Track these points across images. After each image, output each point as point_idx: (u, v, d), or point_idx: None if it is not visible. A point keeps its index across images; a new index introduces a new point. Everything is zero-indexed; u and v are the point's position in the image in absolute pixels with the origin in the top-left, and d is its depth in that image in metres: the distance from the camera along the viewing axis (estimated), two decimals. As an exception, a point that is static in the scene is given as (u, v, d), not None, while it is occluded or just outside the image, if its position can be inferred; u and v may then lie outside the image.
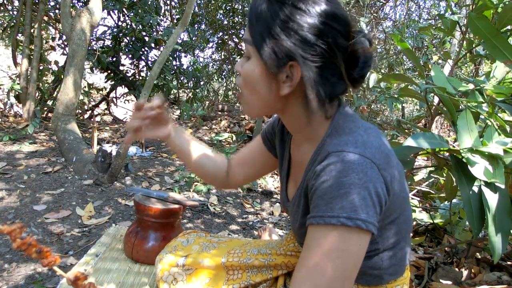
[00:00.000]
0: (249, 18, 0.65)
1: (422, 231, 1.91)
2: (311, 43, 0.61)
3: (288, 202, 0.82)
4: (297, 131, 0.74)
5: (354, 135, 0.63)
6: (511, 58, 1.12)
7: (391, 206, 0.64)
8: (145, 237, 1.48)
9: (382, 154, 0.61)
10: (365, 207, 0.56)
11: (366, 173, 0.57)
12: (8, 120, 4.21)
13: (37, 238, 1.72)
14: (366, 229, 0.57)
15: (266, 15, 0.62)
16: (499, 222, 1.02)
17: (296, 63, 0.62)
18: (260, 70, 0.65)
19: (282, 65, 0.62)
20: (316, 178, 0.61)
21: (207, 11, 6.64)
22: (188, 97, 6.61)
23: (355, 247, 0.58)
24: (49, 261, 0.63)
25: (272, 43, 0.62)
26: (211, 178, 0.97)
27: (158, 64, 2.49)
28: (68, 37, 3.13)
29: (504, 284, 1.31)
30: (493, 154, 1.00)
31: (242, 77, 0.68)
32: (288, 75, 0.63)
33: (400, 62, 5.95)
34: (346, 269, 0.58)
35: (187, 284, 0.87)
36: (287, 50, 0.61)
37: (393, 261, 0.72)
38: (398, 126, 1.67)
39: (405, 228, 0.71)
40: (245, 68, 0.67)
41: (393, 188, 0.62)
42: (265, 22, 0.62)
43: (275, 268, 0.90)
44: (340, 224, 0.56)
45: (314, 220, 0.59)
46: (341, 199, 0.56)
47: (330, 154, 0.60)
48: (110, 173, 2.49)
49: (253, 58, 0.66)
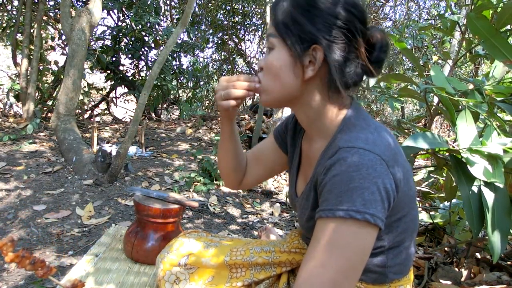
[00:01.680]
0: (273, 12, 0.70)
1: (422, 231, 1.91)
2: (333, 26, 0.65)
3: (297, 197, 0.83)
4: (310, 124, 0.75)
5: (364, 132, 0.65)
6: (510, 58, 1.12)
7: (398, 204, 0.65)
8: (145, 237, 1.48)
9: (391, 152, 0.63)
10: (374, 202, 0.58)
11: (376, 169, 0.59)
12: (8, 120, 4.21)
13: (36, 238, 1.72)
14: (374, 223, 0.58)
15: (288, 5, 0.68)
16: (499, 222, 1.02)
17: (319, 46, 0.65)
18: (285, 57, 0.68)
19: (306, 49, 0.66)
20: (326, 173, 0.62)
21: (207, 11, 6.64)
22: (188, 97, 6.61)
23: (362, 241, 0.59)
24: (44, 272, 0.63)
25: (297, 29, 0.66)
26: (233, 172, 0.96)
27: (158, 64, 2.49)
28: (68, 37, 3.13)
29: (504, 284, 1.31)
30: (492, 154, 1.00)
31: (265, 67, 0.72)
32: (311, 59, 0.67)
33: (400, 62, 5.95)
34: (352, 262, 0.59)
35: (190, 283, 0.87)
36: (311, 34, 0.65)
37: (398, 260, 0.73)
38: (398, 126, 1.67)
39: (411, 227, 0.72)
40: (269, 58, 0.71)
41: (401, 185, 0.63)
42: (289, 12, 0.67)
43: (278, 266, 0.90)
44: (349, 217, 0.57)
45: (323, 213, 0.60)
46: (350, 193, 0.58)
47: (341, 149, 0.62)
48: (110, 173, 2.49)
49: (277, 48, 0.70)
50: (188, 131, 5.04)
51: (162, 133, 4.89)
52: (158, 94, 5.53)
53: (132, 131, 2.47)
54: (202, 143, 4.44)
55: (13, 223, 1.84)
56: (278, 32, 0.69)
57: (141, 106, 2.49)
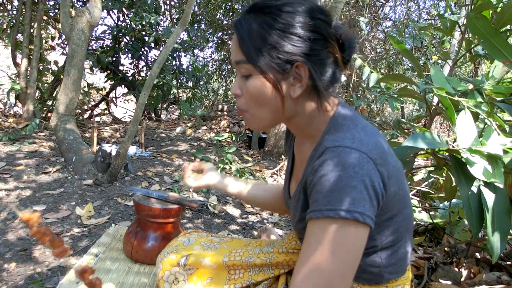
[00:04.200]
0: (240, 38, 0.66)
1: (422, 231, 1.91)
2: (309, 39, 0.63)
3: (290, 199, 0.84)
4: (301, 131, 0.76)
5: (351, 132, 0.65)
6: (510, 58, 1.12)
7: (388, 203, 0.65)
8: (145, 237, 1.48)
9: (378, 151, 0.63)
10: (362, 200, 0.58)
11: (363, 167, 0.59)
12: (8, 120, 4.21)
13: (36, 238, 1.72)
14: (363, 221, 0.58)
15: (258, 29, 0.64)
16: (498, 222, 1.02)
17: (300, 63, 0.64)
18: (267, 84, 0.66)
19: (288, 70, 0.64)
20: (314, 173, 0.62)
21: (207, 11, 6.64)
22: (188, 97, 6.61)
23: (353, 240, 0.59)
24: (60, 251, 0.65)
25: (273, 52, 0.63)
26: (270, 207, 1.08)
27: (158, 64, 2.49)
28: (68, 37, 3.13)
29: (504, 284, 1.31)
30: (492, 154, 1.00)
31: (248, 96, 0.69)
32: (295, 76, 0.65)
33: (399, 62, 5.95)
34: (345, 262, 0.59)
35: (188, 283, 0.87)
36: (290, 53, 0.63)
37: (392, 259, 0.72)
38: (398, 126, 1.67)
39: (404, 226, 0.72)
40: (249, 87, 0.68)
41: (390, 184, 0.63)
42: (260, 36, 0.64)
43: (276, 267, 0.90)
44: (338, 217, 0.57)
45: (313, 214, 0.60)
46: (338, 193, 0.58)
47: (328, 149, 0.62)
48: (110, 173, 2.49)
49: (254, 75, 0.66)
50: (188, 131, 5.04)
51: (162, 133, 4.89)
52: (158, 94, 5.54)
53: (132, 131, 2.47)
54: (202, 143, 4.44)
55: (12, 223, 1.84)
56: (251, 59, 0.65)
57: (141, 106, 2.49)
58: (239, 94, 0.70)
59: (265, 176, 3.15)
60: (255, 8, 0.66)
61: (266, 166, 3.52)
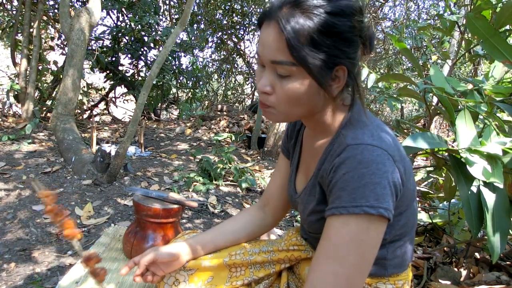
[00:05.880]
0: (287, 39, 0.60)
1: (421, 231, 1.91)
2: (353, 43, 0.64)
3: (296, 194, 0.84)
4: (318, 125, 0.75)
5: (369, 129, 0.66)
6: (509, 58, 1.12)
7: (402, 198, 0.67)
8: (144, 237, 1.48)
9: (396, 147, 0.65)
10: (385, 196, 0.60)
11: (385, 163, 0.61)
12: (7, 120, 4.20)
13: (36, 238, 1.72)
14: (387, 217, 0.60)
15: (307, 32, 0.60)
16: (498, 221, 1.02)
17: (343, 66, 0.64)
18: (309, 85, 0.64)
19: (331, 73, 0.64)
20: (336, 171, 0.63)
21: (206, 11, 6.64)
22: (187, 97, 6.61)
23: (374, 235, 0.61)
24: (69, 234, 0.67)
25: (322, 56, 0.61)
26: (254, 235, 0.98)
27: (157, 64, 2.49)
28: (67, 37, 3.13)
29: (503, 284, 1.31)
30: (491, 154, 1.00)
31: (283, 96, 0.66)
32: (333, 77, 0.65)
33: (399, 62, 5.96)
34: (365, 257, 0.61)
35: (189, 284, 0.87)
36: (337, 58, 0.63)
37: (397, 253, 0.75)
38: (397, 126, 1.67)
39: (412, 221, 0.74)
40: (288, 87, 0.64)
41: (406, 179, 0.65)
42: (310, 37, 0.60)
43: (277, 263, 0.91)
44: (363, 213, 0.59)
45: (336, 211, 0.61)
46: (363, 189, 0.59)
47: (349, 146, 0.63)
48: (109, 173, 2.49)
49: (296, 76, 0.63)
50: (187, 131, 5.04)
51: (161, 133, 4.89)
52: (158, 94, 5.54)
53: (131, 131, 2.47)
54: (201, 143, 4.44)
55: (12, 223, 1.84)
56: (299, 62, 0.61)
57: (140, 106, 2.49)
58: (269, 92, 0.67)
59: (265, 176, 3.15)
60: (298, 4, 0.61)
61: (266, 166, 3.52)
